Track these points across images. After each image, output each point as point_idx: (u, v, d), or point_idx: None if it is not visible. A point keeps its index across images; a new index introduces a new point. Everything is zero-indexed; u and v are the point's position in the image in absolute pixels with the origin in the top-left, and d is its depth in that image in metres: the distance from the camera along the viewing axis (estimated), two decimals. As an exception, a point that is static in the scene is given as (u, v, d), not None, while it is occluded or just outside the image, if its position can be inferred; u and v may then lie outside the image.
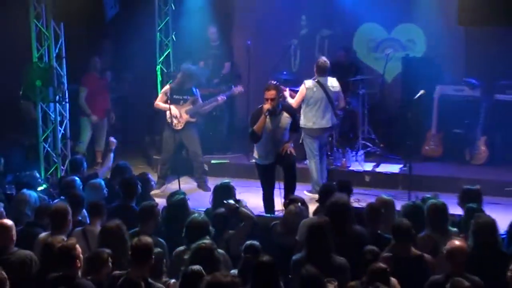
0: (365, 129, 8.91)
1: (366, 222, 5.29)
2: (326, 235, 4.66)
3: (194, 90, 8.13)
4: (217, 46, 9.37)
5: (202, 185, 8.22)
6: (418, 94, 7.79)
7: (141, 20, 9.39)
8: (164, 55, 9.20)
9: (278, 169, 7.00)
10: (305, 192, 7.64)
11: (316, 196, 7.59)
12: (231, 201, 5.51)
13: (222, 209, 5.47)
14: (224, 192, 5.78)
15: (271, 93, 6.58)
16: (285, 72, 9.29)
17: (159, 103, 8.07)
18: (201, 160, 8.25)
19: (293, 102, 7.57)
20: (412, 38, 9.48)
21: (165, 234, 5.30)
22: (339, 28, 9.56)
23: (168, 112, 7.94)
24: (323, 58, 7.80)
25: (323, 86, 7.58)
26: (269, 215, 6.61)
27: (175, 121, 7.91)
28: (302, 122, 7.57)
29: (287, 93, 7.72)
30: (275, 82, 6.83)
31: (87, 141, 9.02)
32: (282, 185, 7.01)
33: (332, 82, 7.69)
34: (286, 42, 9.59)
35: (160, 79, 9.14)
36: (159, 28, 9.17)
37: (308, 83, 7.66)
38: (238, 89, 8.45)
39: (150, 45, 9.19)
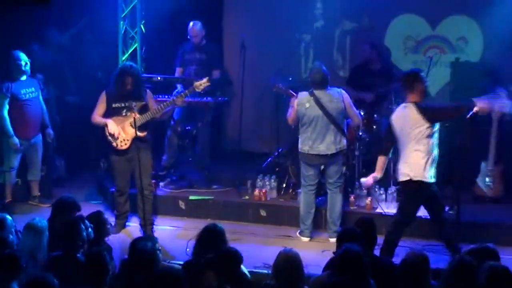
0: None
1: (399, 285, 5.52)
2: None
3: (143, 93, 8.17)
4: (203, 48, 9.47)
5: (146, 228, 8.26)
6: (471, 113, 8.06)
7: (99, 2, 9.74)
8: (129, 52, 9.55)
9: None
10: (298, 234, 8.27)
11: (306, 239, 8.23)
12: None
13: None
14: (211, 238, 5.88)
15: None
16: (290, 78, 9.37)
17: (96, 116, 8.24)
18: (148, 193, 8.26)
19: (288, 118, 8.24)
20: (464, 35, 9.79)
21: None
22: (367, 20, 9.94)
23: (106, 129, 8.20)
24: (316, 67, 8.18)
25: (319, 102, 8.04)
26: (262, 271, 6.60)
27: (113, 141, 8.14)
28: (299, 145, 8.16)
29: (296, 101, 8.12)
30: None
31: (16, 166, 9.03)
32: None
33: (333, 96, 8.07)
34: (295, 38, 9.97)
35: (124, 84, 9.44)
36: (123, 15, 9.52)
37: (301, 96, 8.14)
38: (200, 82, 8.34)
39: (112, 38, 9.58)
